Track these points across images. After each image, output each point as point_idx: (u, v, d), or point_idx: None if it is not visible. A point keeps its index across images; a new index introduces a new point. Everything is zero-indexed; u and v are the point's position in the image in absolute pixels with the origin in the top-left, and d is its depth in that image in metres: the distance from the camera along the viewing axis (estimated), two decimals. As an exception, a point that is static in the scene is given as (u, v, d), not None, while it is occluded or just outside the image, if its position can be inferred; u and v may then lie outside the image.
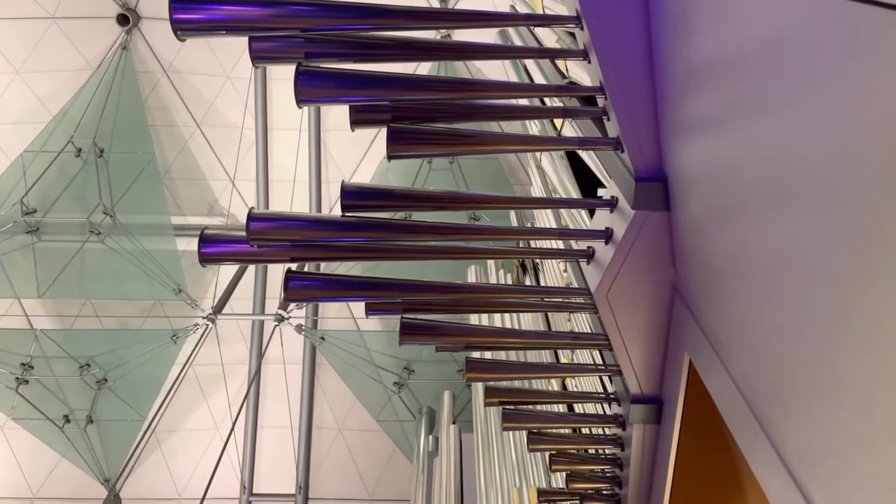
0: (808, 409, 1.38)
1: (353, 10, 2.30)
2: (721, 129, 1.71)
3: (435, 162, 11.95)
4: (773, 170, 1.41)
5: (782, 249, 1.42)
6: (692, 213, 2.06)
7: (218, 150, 12.71)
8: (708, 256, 1.99)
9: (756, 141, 1.49)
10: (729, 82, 1.61)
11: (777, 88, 1.35)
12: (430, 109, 2.50)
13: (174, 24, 2.09)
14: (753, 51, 1.45)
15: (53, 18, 11.89)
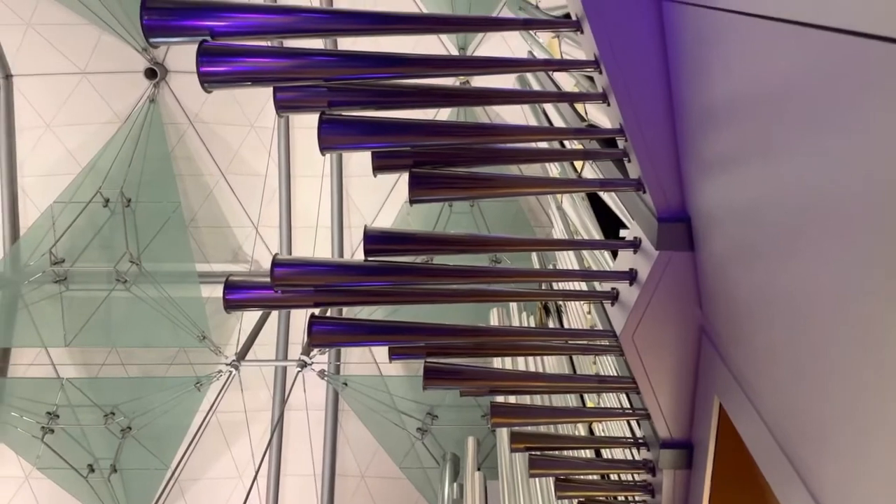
0: (844, 453, 1.34)
1: (374, 60, 2.35)
2: (743, 168, 1.70)
3: (456, 205, 12.01)
4: (798, 207, 1.40)
5: (811, 288, 1.39)
6: (717, 252, 2.04)
7: (242, 197, 12.92)
8: (734, 297, 1.96)
9: (779, 179, 1.48)
10: (748, 121, 1.61)
11: (797, 126, 1.34)
12: (450, 154, 2.53)
13: (201, 76, 2.15)
14: (771, 90, 1.46)
15: (84, 73, 12.28)
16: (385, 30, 2.48)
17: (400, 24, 2.51)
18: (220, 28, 2.23)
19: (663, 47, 2.06)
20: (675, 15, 1.94)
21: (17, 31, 11.97)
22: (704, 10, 1.71)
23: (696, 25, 1.82)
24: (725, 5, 1.57)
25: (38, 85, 12.35)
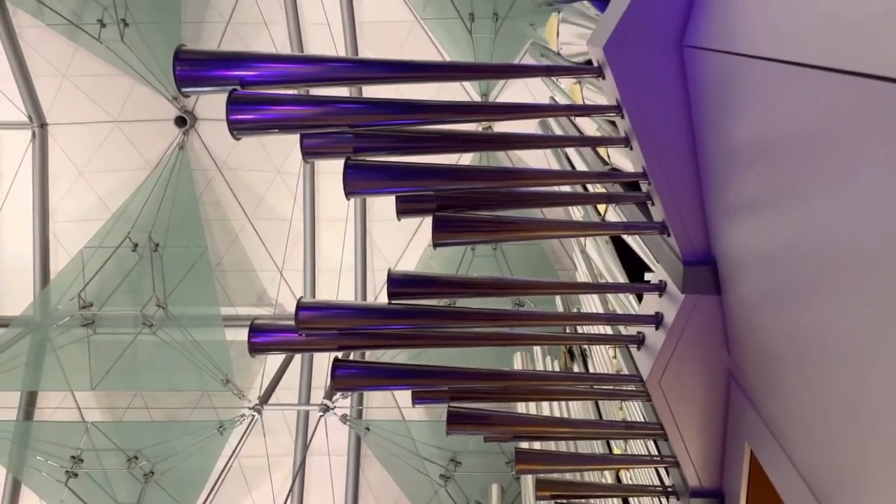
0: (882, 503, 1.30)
1: (399, 107, 2.39)
2: (768, 211, 1.69)
3: (478, 248, 12.03)
4: (825, 250, 1.38)
5: (842, 332, 1.37)
6: (744, 296, 2.01)
7: (267, 241, 13.07)
8: (763, 341, 1.93)
9: (805, 223, 1.47)
10: (773, 165, 1.61)
11: (822, 170, 1.34)
12: (473, 198, 2.55)
13: (230, 124, 2.20)
14: (796, 134, 1.46)
15: (116, 122, 12.64)
16: (409, 77, 2.53)
17: (424, 72, 2.56)
18: (249, 77, 2.29)
19: (685, 92, 2.08)
20: (696, 60, 1.96)
21: (53, 82, 12.39)
22: (725, 55, 1.72)
23: (717, 70, 1.83)
24: (746, 50, 1.59)
25: (72, 133, 12.73)
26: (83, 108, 12.52)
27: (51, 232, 13.11)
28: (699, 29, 1.94)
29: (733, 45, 1.67)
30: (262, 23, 11.67)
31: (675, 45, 2.03)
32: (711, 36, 1.84)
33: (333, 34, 11.63)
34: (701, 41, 1.91)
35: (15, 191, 12.82)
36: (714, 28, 1.84)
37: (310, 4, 11.61)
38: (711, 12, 1.87)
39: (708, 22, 1.89)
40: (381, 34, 11.86)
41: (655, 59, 2.04)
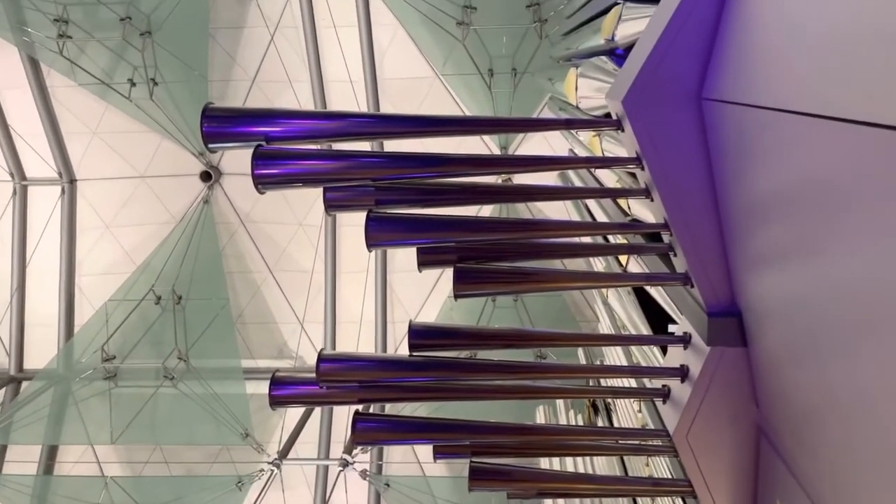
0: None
1: (420, 160, 2.43)
2: (794, 262, 1.67)
3: (499, 300, 11.98)
4: (854, 302, 1.36)
5: (875, 384, 1.33)
6: (771, 348, 1.97)
7: (288, 294, 13.14)
8: (793, 394, 1.88)
9: (833, 274, 1.45)
10: (798, 216, 1.60)
11: (847, 221, 1.33)
12: (494, 249, 2.55)
13: (256, 179, 2.24)
14: (819, 185, 1.45)
15: (143, 177, 12.93)
16: (430, 132, 2.57)
17: (444, 127, 2.61)
18: (274, 133, 2.35)
19: (704, 143, 2.08)
20: (716, 112, 1.97)
21: (83, 139, 12.75)
22: (745, 107, 1.73)
23: (737, 122, 1.84)
24: (767, 103, 1.60)
25: (100, 188, 13.03)
26: (111, 164, 12.85)
27: (76, 285, 13.30)
28: (718, 82, 1.96)
29: (753, 97, 1.68)
30: (286, 81, 11.98)
31: (693, 97, 2.05)
32: (730, 88, 1.86)
33: (356, 90, 11.90)
34: (720, 94, 1.92)
35: (42, 245, 13.08)
36: (733, 81, 1.86)
37: (333, 62, 11.92)
38: (730, 65, 1.89)
39: (726, 75, 1.91)
40: (402, 90, 12.12)
41: (674, 112, 2.06)
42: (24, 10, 11.30)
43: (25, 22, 11.36)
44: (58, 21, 11.15)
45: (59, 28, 11.17)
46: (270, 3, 11.70)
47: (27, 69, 12.13)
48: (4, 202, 13.01)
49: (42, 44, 11.41)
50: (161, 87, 11.82)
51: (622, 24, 3.53)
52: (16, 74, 12.21)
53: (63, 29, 11.20)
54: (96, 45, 11.47)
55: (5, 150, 12.71)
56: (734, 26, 1.87)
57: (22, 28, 11.36)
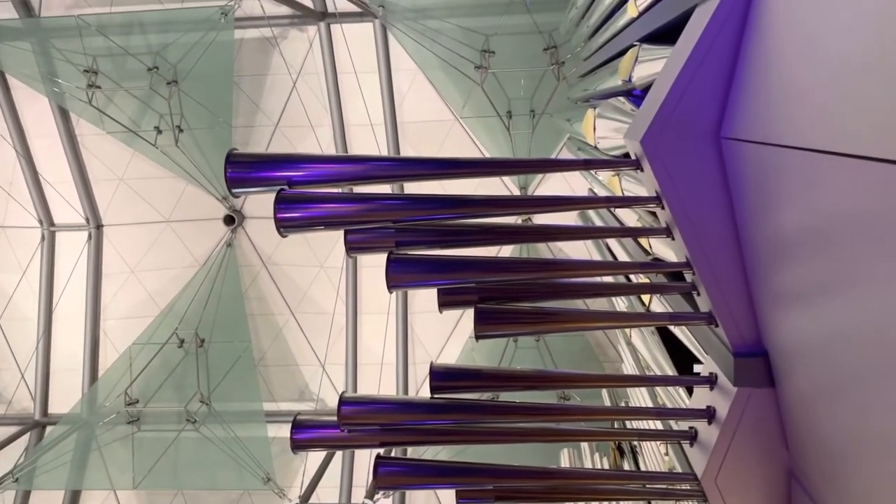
0: None
1: (440, 201, 2.44)
2: (822, 301, 1.64)
3: (521, 340, 11.89)
4: (888, 340, 1.33)
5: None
6: (801, 388, 1.93)
7: (310, 336, 13.16)
8: (824, 436, 1.83)
9: (861, 312, 1.43)
10: (823, 254, 1.58)
11: (876, 258, 1.31)
12: (515, 289, 2.54)
13: (278, 222, 2.27)
14: (843, 223, 1.44)
15: (168, 222, 13.14)
16: (450, 174, 2.59)
17: (464, 169, 2.63)
18: (296, 178, 2.38)
19: (725, 182, 2.08)
20: (735, 151, 1.97)
21: (110, 186, 13.03)
22: (765, 146, 1.73)
23: (758, 161, 1.84)
24: (788, 142, 1.59)
25: (125, 233, 13.26)
26: (137, 210, 13.09)
27: (101, 329, 13.45)
28: (736, 121, 1.97)
29: (774, 136, 1.68)
30: (308, 125, 12.20)
31: (712, 136, 2.05)
32: (750, 127, 1.86)
33: (376, 134, 12.07)
34: (739, 133, 1.92)
35: (69, 290, 13.29)
36: (752, 120, 1.86)
37: (353, 108, 12.13)
38: (749, 104, 1.89)
39: (746, 114, 1.91)
40: (421, 133, 12.27)
41: (693, 151, 2.06)
42: (55, 62, 11.68)
43: (56, 73, 11.74)
44: (87, 72, 11.51)
45: (89, 78, 11.52)
46: (293, 51, 11.99)
47: (57, 119, 12.49)
48: (33, 248, 13.27)
49: (72, 94, 11.76)
50: (186, 133, 12.08)
51: (639, 66, 3.56)
52: (46, 124, 12.57)
53: (92, 79, 11.54)
54: (124, 94, 11.80)
55: (35, 197, 13.02)
56: (752, 66, 1.88)
57: (53, 79, 11.72)
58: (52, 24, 11.75)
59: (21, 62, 11.79)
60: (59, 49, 11.50)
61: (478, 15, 11.06)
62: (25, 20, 11.79)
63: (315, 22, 11.57)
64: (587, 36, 6.81)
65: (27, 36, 11.80)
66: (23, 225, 13.23)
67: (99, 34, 11.25)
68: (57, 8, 11.91)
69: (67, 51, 11.44)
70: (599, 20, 5.83)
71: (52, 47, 11.58)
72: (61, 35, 11.57)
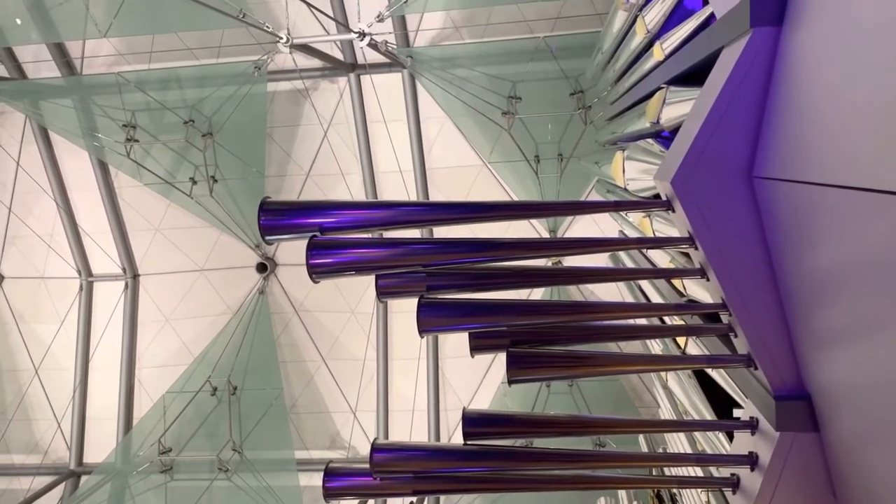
0: None
1: (469, 245, 2.45)
2: (866, 341, 1.60)
3: (554, 385, 11.72)
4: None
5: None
6: (847, 433, 1.87)
7: (341, 382, 13.14)
8: (873, 483, 1.76)
9: (907, 350, 1.38)
10: (866, 293, 1.54)
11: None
12: (547, 332, 2.52)
13: (310, 269, 2.29)
14: (888, 258, 1.40)
15: (202, 270, 13.35)
16: (479, 218, 2.60)
17: (493, 212, 2.64)
18: (328, 224, 2.41)
19: (758, 221, 2.05)
20: (768, 190, 1.95)
21: (146, 236, 13.33)
22: (799, 185, 1.71)
23: (792, 199, 1.81)
24: (821, 179, 1.57)
25: (161, 282, 13.50)
26: (172, 259, 13.34)
27: (136, 378, 13.60)
28: (768, 160, 1.95)
29: (809, 174, 1.66)
30: (339, 173, 12.40)
31: (743, 176, 2.04)
32: (782, 166, 1.84)
33: (405, 180, 12.22)
34: (771, 172, 1.91)
35: (105, 339, 13.51)
36: (784, 159, 1.85)
37: (383, 155, 12.32)
38: (780, 144, 1.88)
39: (777, 153, 1.89)
40: (450, 178, 12.39)
41: (724, 191, 2.05)
42: (96, 118, 12.10)
43: (96, 128, 12.15)
44: (126, 126, 11.89)
45: (127, 132, 11.90)
46: (324, 102, 12.27)
47: (96, 172, 12.89)
48: (71, 298, 13.55)
49: (111, 148, 12.14)
50: (220, 183, 12.36)
51: (667, 107, 3.57)
52: (86, 177, 12.98)
53: (130, 133, 11.92)
54: (161, 146, 12.15)
55: (74, 248, 13.36)
56: (783, 105, 1.88)
57: (93, 134, 12.13)
58: (93, 81, 12.22)
59: (63, 118, 12.24)
60: (99, 105, 11.93)
61: (504, 63, 11.23)
62: (68, 78, 12.27)
63: (345, 73, 11.85)
64: (614, 80, 6.87)
65: (69, 93, 12.27)
66: (62, 276, 13.55)
67: (138, 90, 11.66)
68: (99, 66, 12.39)
69: (107, 106, 11.86)
70: (626, 64, 5.89)
71: (92, 103, 12.01)
72: (102, 91, 12.02)
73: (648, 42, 4.76)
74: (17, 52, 12.28)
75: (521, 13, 11.08)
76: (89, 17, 10.84)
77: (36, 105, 12.26)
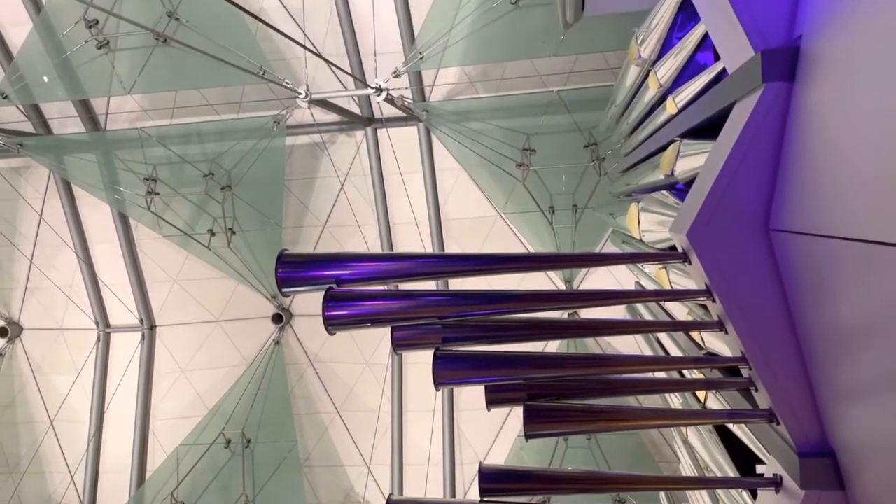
0: None
1: (485, 297, 2.45)
2: (893, 393, 1.57)
3: (572, 439, 11.51)
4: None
5: None
6: (874, 491, 1.81)
7: (355, 435, 12.98)
8: (906, 543, 1.70)
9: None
10: (890, 343, 1.52)
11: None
12: (564, 385, 2.49)
13: (327, 321, 2.30)
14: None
15: (218, 321, 13.39)
16: (495, 270, 2.61)
17: (509, 264, 2.64)
18: (345, 276, 2.43)
19: (776, 273, 2.04)
20: (785, 243, 1.95)
21: (164, 287, 13.44)
22: (818, 238, 1.70)
23: (810, 252, 1.80)
24: (840, 233, 1.57)
25: (177, 333, 13.55)
26: (189, 310, 13.41)
27: (150, 430, 13.53)
28: (785, 213, 1.95)
29: (828, 228, 1.66)
30: (355, 225, 12.51)
31: (760, 228, 2.03)
32: (800, 219, 1.84)
33: (421, 231, 12.29)
34: (788, 224, 1.90)
35: (120, 390, 13.50)
36: (802, 212, 1.84)
37: (399, 206, 12.43)
38: (797, 197, 1.88)
39: (794, 206, 1.89)
40: (465, 229, 12.45)
41: (741, 244, 2.04)
42: (118, 171, 12.36)
43: (118, 182, 12.39)
44: (147, 179, 12.13)
45: (148, 186, 12.13)
46: (341, 155, 12.47)
47: (117, 224, 13.10)
48: (88, 349, 13.62)
49: (132, 201, 12.36)
50: (238, 235, 12.50)
51: (681, 160, 3.59)
52: (107, 229, 13.18)
53: (151, 186, 12.14)
54: (181, 199, 12.35)
55: (93, 300, 13.48)
56: (798, 159, 1.89)
57: (115, 187, 12.37)
58: (117, 136, 12.52)
59: (86, 172, 12.51)
60: (122, 159, 12.20)
61: (518, 116, 11.40)
62: (92, 133, 12.59)
63: (362, 127, 12.07)
64: (627, 132, 6.94)
65: (93, 148, 12.57)
66: (80, 327, 13.64)
67: (159, 144, 11.92)
68: (122, 121, 12.72)
69: (130, 160, 12.13)
70: (639, 117, 5.96)
71: (115, 157, 12.28)
72: (125, 146, 12.30)
73: (661, 96, 4.83)
74: (43, 109, 12.64)
75: (535, 68, 11.28)
76: (115, 75, 11.17)
77: (60, 160, 12.55)
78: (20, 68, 11.19)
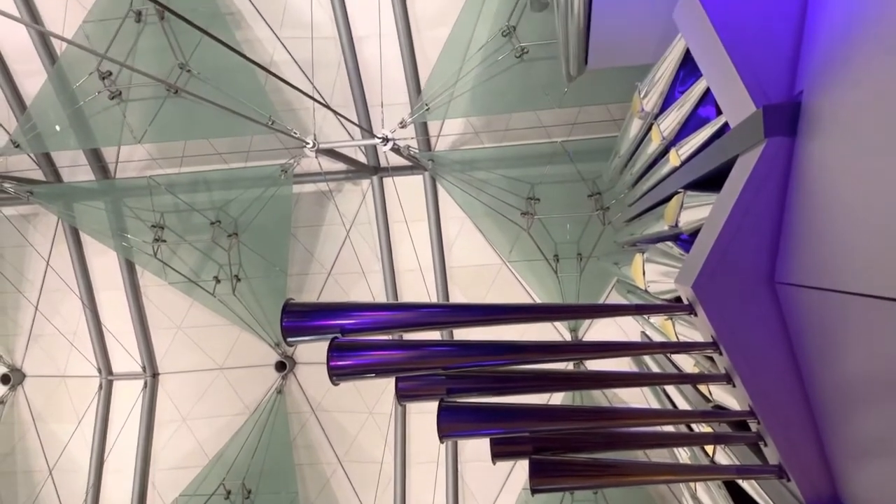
0: None
1: (490, 348, 2.44)
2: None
3: (578, 493, 11.28)
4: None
5: None
6: (889, 551, 1.77)
7: (357, 485, 12.75)
8: None
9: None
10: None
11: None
12: (570, 439, 2.46)
13: (331, 371, 2.29)
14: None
15: (221, 369, 13.31)
16: (500, 320, 2.60)
17: (514, 315, 2.64)
18: (350, 326, 2.42)
19: (783, 326, 2.03)
20: (792, 296, 1.94)
21: (168, 334, 13.40)
22: (825, 292, 1.70)
23: (818, 306, 1.80)
24: (850, 288, 1.57)
25: (180, 381, 13.45)
26: (192, 357, 13.34)
27: (150, 481, 13.31)
28: (790, 266, 1.95)
29: (835, 282, 1.66)
30: (360, 272, 12.53)
31: (765, 281, 2.03)
32: (806, 273, 1.84)
33: (425, 279, 12.30)
34: (794, 278, 1.90)
35: (121, 439, 13.34)
36: (808, 265, 1.85)
37: (404, 254, 12.47)
38: (802, 250, 1.88)
39: (799, 259, 1.90)
40: (470, 277, 12.45)
41: (746, 296, 2.04)
42: (125, 219, 12.47)
43: (126, 229, 12.49)
44: (154, 227, 12.22)
45: (155, 233, 12.21)
46: (347, 203, 12.57)
47: (123, 271, 13.14)
48: (90, 396, 13.51)
49: (139, 248, 12.43)
50: (243, 282, 12.51)
51: (685, 211, 3.61)
52: (112, 276, 13.22)
53: (158, 234, 12.22)
54: (187, 247, 12.42)
55: (96, 347, 13.44)
56: (799, 212, 1.90)
57: (123, 235, 12.46)
58: (126, 184, 12.66)
59: (94, 219, 12.61)
60: (130, 206, 12.31)
61: (522, 165, 11.52)
62: (101, 181, 12.73)
63: (368, 176, 12.20)
64: (631, 183, 7.00)
65: (102, 196, 12.70)
66: (83, 374, 13.56)
67: (167, 192, 12.05)
68: (132, 170, 12.88)
69: (138, 208, 12.23)
70: (642, 168, 6.01)
71: (124, 205, 12.40)
72: (133, 194, 12.43)
73: (664, 148, 4.88)
74: (54, 157, 12.82)
75: (539, 119, 11.45)
76: (126, 125, 11.36)
77: (69, 207, 12.68)
78: (33, 118, 11.40)
